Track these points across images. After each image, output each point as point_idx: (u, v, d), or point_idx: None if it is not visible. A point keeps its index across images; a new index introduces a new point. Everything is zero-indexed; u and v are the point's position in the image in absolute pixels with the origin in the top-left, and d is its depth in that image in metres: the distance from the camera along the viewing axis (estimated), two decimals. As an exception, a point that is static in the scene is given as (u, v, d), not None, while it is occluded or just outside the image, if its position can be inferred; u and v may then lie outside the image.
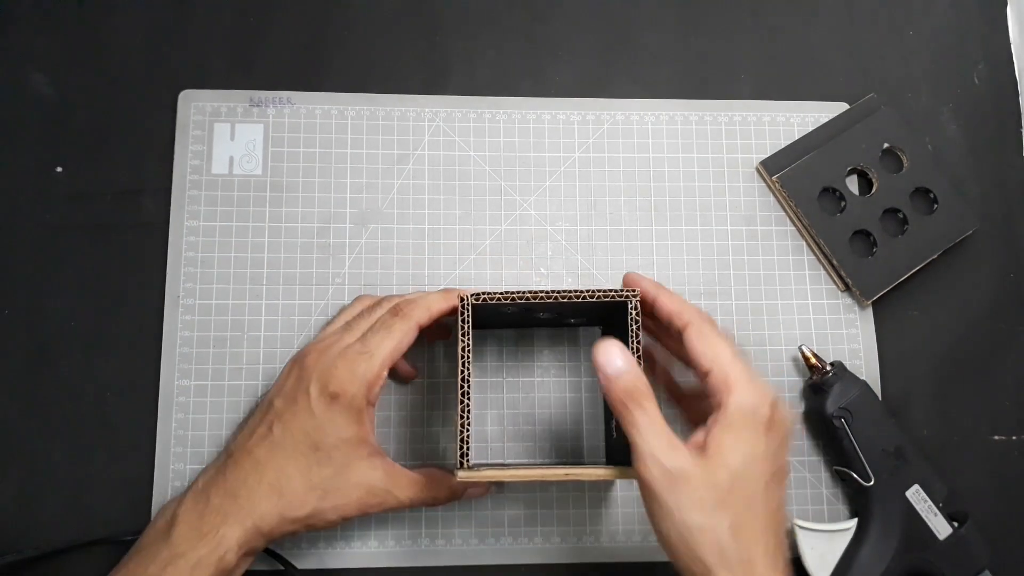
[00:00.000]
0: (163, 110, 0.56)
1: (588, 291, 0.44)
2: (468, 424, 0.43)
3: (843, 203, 0.57)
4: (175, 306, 0.53)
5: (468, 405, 0.43)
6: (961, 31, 0.62)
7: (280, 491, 0.43)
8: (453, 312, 0.46)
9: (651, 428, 0.39)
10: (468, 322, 0.44)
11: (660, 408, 0.40)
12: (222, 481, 0.44)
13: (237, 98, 0.57)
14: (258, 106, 0.57)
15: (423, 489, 0.46)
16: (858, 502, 0.52)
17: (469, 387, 0.43)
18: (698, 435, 0.40)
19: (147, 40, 0.57)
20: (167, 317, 0.53)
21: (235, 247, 0.54)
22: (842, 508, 0.53)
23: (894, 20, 0.62)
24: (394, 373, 0.52)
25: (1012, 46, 0.62)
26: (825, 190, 0.57)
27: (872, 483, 0.50)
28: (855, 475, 0.51)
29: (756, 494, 0.38)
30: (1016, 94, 0.61)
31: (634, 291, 0.44)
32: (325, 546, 0.51)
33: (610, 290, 0.44)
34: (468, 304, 0.44)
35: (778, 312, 0.56)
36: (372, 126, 0.57)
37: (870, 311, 0.56)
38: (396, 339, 0.45)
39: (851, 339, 0.56)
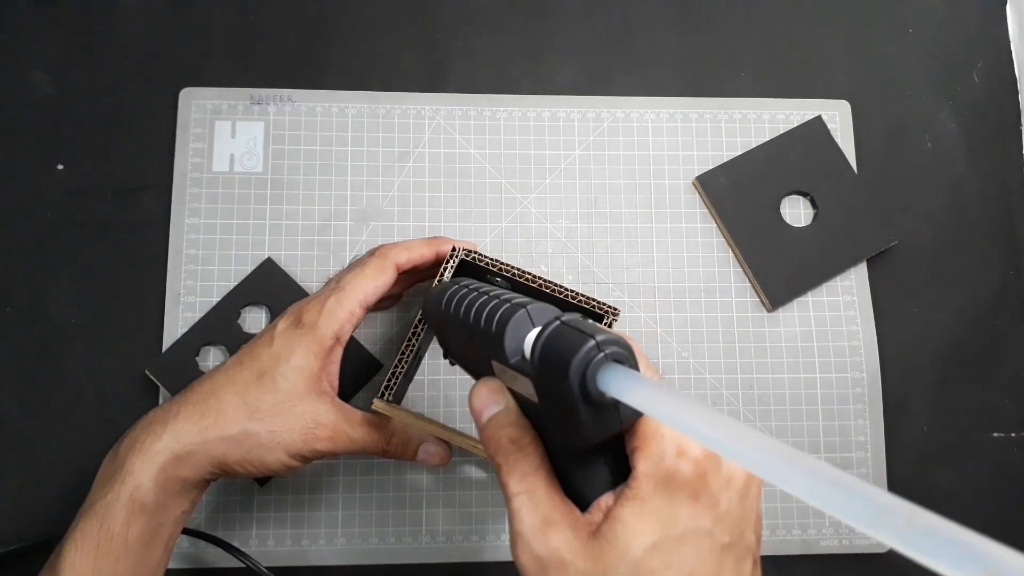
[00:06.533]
0: (164, 108, 0.56)
1: (572, 291, 0.41)
2: (406, 361, 0.41)
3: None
4: (176, 303, 0.53)
5: (415, 344, 0.42)
6: (961, 29, 0.62)
7: (204, 411, 0.40)
8: (435, 262, 0.46)
9: (524, 496, 0.29)
10: (451, 272, 0.43)
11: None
12: (153, 417, 0.41)
13: (238, 96, 0.57)
14: (259, 104, 0.57)
15: (375, 430, 0.43)
16: None
17: (423, 328, 0.42)
18: (604, 500, 0.29)
19: (148, 38, 0.57)
20: (168, 315, 0.53)
21: (236, 245, 0.54)
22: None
23: (894, 18, 0.62)
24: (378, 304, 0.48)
25: (1012, 44, 0.62)
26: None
27: None
28: None
29: None
30: (1016, 92, 0.61)
31: (615, 309, 0.41)
32: (326, 543, 0.51)
33: (592, 299, 0.41)
34: (458, 255, 0.43)
35: (779, 309, 0.56)
36: (373, 124, 0.57)
37: (870, 309, 0.56)
38: (370, 277, 0.44)
39: (852, 336, 0.56)
